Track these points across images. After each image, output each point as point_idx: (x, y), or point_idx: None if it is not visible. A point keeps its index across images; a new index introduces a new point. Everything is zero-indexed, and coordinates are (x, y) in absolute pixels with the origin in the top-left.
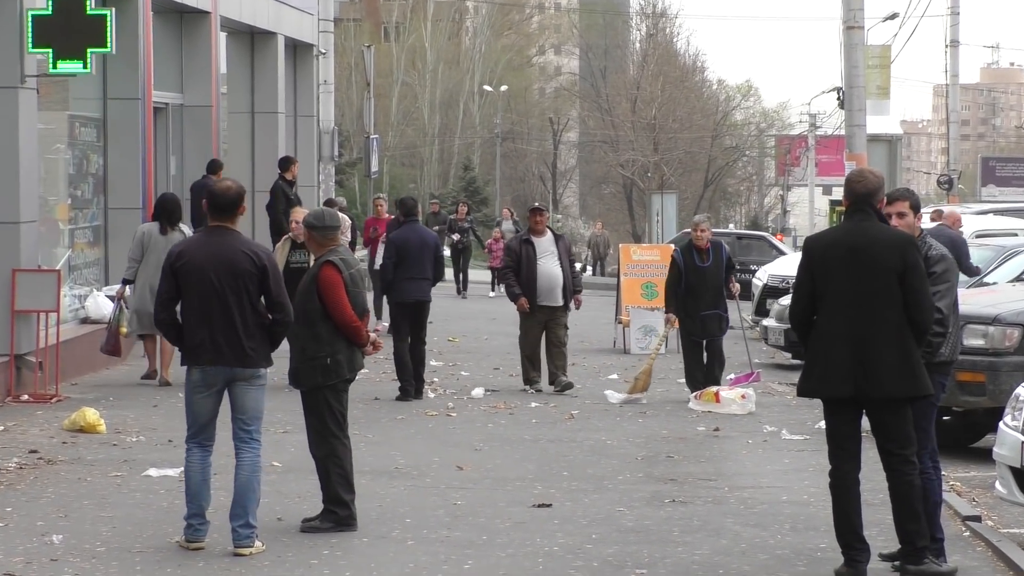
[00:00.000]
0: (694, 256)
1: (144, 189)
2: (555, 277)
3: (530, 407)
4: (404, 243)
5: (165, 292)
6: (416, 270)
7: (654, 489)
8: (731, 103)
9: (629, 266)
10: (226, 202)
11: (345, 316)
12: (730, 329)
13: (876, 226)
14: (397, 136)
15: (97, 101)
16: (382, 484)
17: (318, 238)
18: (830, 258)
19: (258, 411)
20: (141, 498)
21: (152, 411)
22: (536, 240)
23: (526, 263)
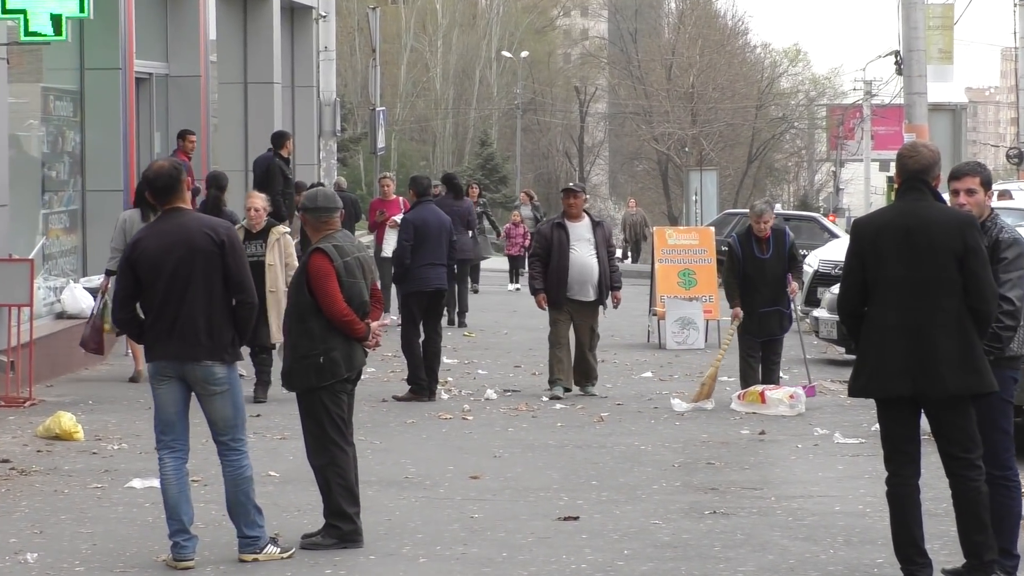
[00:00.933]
0: (753, 245)
1: (126, 169)
2: (589, 268)
3: (555, 409)
4: (423, 224)
5: (123, 288)
6: (436, 255)
7: (693, 499)
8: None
9: (664, 251)
10: (163, 184)
11: (335, 309)
12: None
13: (932, 205)
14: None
15: (73, 72)
16: (391, 495)
17: (313, 222)
18: (881, 242)
19: (228, 419)
20: (124, 512)
21: (136, 415)
22: (570, 225)
23: (557, 250)
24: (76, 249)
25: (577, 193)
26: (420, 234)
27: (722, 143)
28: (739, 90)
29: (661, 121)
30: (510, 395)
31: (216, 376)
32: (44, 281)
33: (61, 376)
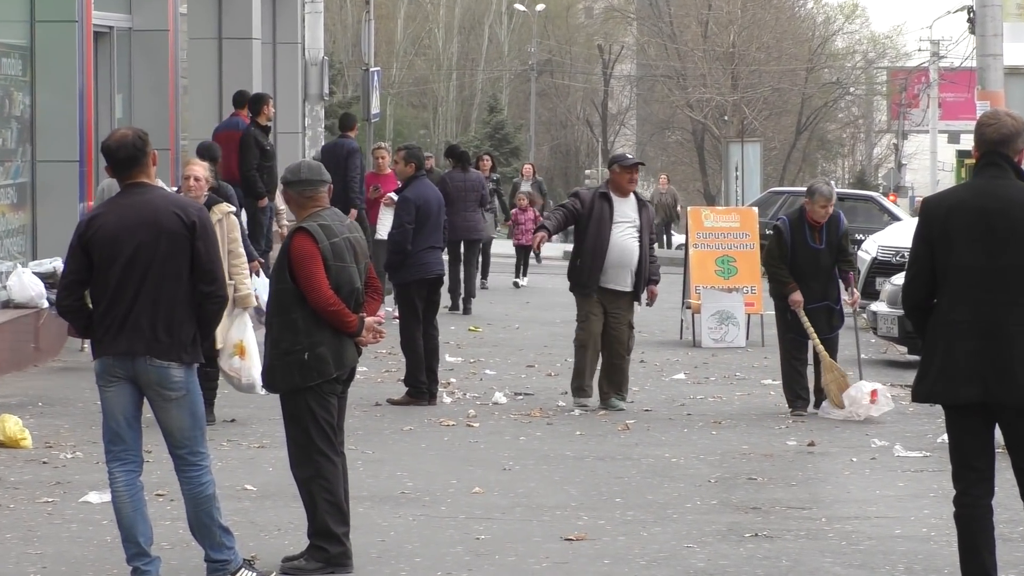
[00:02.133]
0: (806, 232)
1: (82, 136)
2: (630, 253)
3: (573, 415)
4: (425, 203)
5: (72, 272)
6: (435, 237)
7: (732, 520)
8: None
9: (700, 235)
10: (125, 155)
11: (320, 297)
12: None
13: (1013, 184)
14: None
15: (22, 25)
16: (385, 513)
17: (296, 198)
18: (954, 225)
19: (186, 429)
20: (78, 530)
21: (92, 420)
22: (616, 200)
23: (596, 225)
24: (25, 228)
25: (637, 168)
26: (421, 214)
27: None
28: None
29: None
30: (522, 399)
31: (172, 379)
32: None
33: (6, 374)
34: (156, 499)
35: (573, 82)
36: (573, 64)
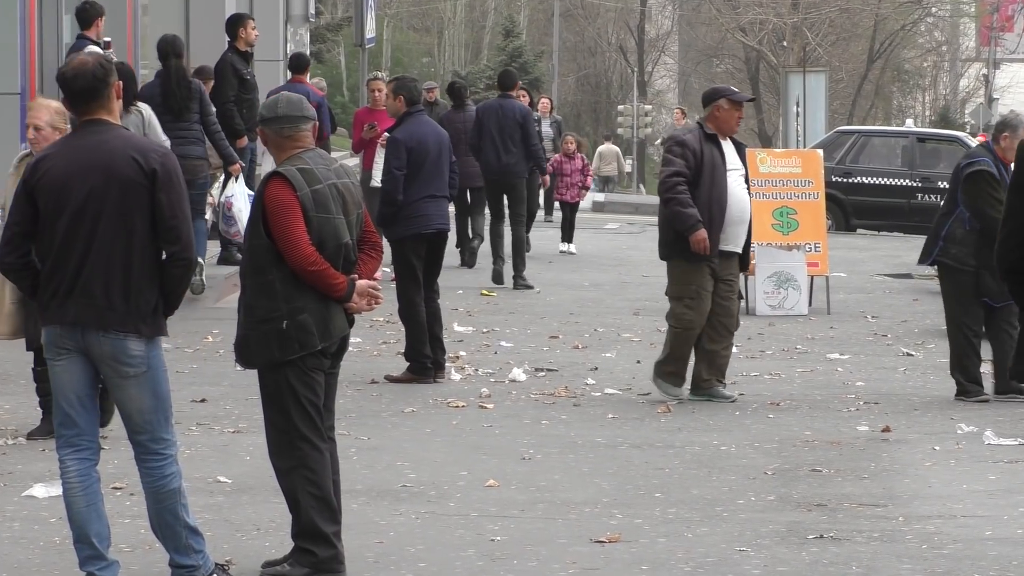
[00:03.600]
0: (1003, 174)
1: (24, 64)
2: (745, 205)
3: (604, 395)
4: (419, 144)
5: (15, 224)
6: (436, 184)
7: (792, 519)
8: None
9: (754, 182)
10: (83, 86)
11: (298, 254)
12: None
13: None
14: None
15: None
16: (383, 510)
17: (273, 137)
18: None
19: (147, 411)
20: (21, 529)
21: None
22: (724, 145)
23: (710, 174)
24: None
25: (742, 105)
26: (416, 158)
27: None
28: None
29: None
30: (544, 376)
31: (130, 353)
32: None
33: None
34: (113, 493)
35: (604, 2)
36: None
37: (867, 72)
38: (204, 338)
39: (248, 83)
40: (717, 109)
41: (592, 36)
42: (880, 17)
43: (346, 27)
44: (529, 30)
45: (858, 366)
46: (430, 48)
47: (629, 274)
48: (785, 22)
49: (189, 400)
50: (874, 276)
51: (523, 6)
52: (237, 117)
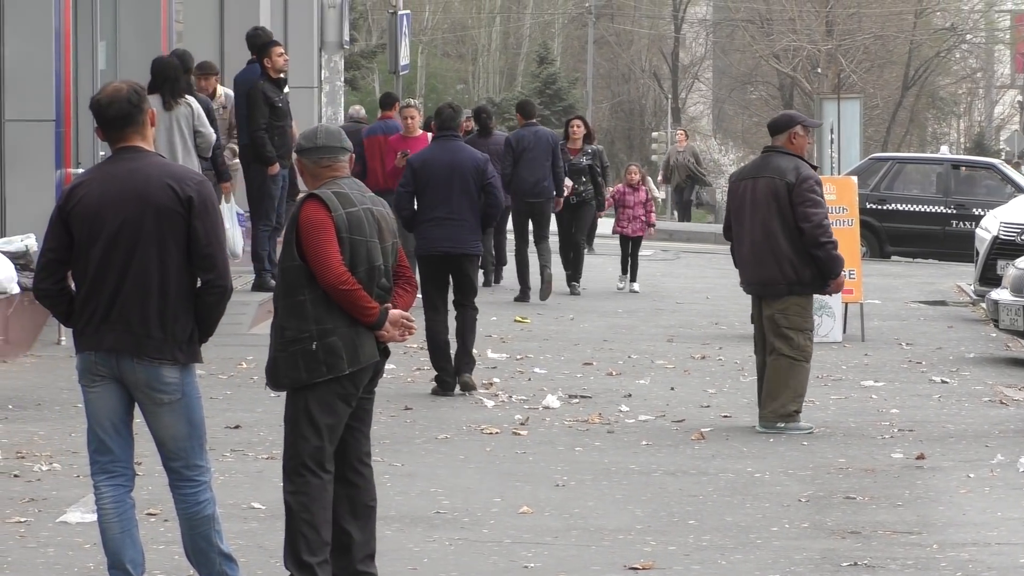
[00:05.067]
0: None
1: (59, 91)
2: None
3: (638, 422)
4: (423, 165)
5: (51, 250)
6: (444, 208)
7: (826, 546)
8: None
9: None
10: (117, 113)
11: (329, 274)
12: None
13: None
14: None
15: None
16: (416, 537)
17: (311, 167)
18: None
19: (181, 439)
20: (56, 555)
21: (72, 426)
22: None
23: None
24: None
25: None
26: (420, 179)
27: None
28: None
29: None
30: (577, 403)
31: (165, 380)
32: None
33: None
34: (148, 519)
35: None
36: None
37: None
38: (238, 364)
39: (279, 110)
40: (794, 136)
41: (626, 63)
42: (915, 44)
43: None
44: (563, 57)
45: (892, 393)
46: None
47: (663, 301)
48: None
49: (223, 426)
50: (909, 303)
51: (557, 33)
52: (268, 144)
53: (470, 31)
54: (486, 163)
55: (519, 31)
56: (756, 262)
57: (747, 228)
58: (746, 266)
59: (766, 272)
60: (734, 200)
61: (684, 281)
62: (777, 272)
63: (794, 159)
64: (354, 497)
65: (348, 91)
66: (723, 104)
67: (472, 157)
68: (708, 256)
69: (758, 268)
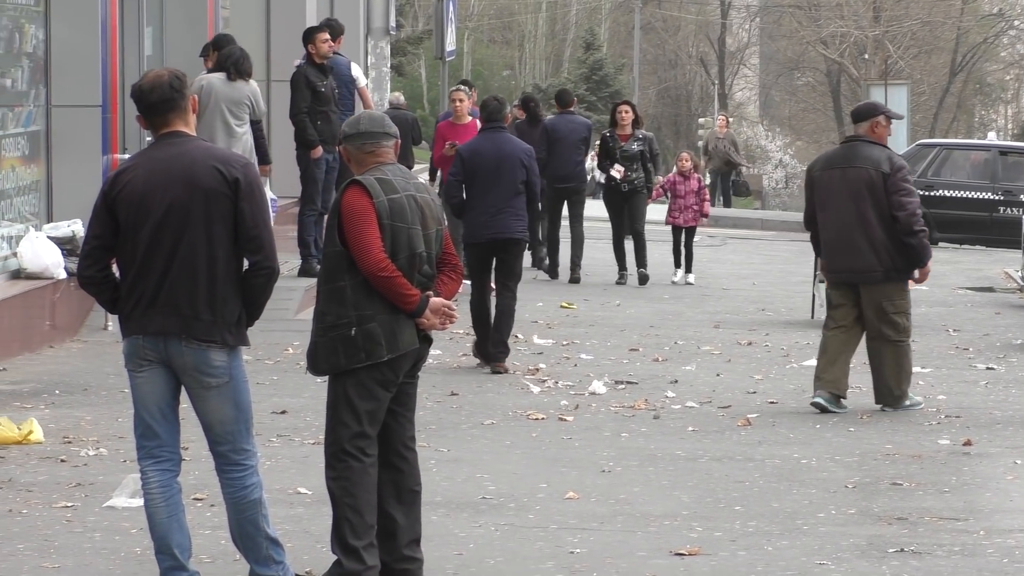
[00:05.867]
0: None
1: (105, 76)
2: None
3: (684, 408)
4: (472, 155)
5: (95, 237)
6: (490, 197)
7: (873, 532)
8: None
9: None
10: (159, 98)
11: (369, 259)
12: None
13: None
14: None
15: None
16: (462, 522)
17: (355, 154)
18: None
19: (228, 422)
20: (102, 540)
21: (119, 410)
22: None
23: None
24: (38, 185)
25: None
26: (469, 169)
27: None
28: None
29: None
30: (623, 389)
31: (213, 364)
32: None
33: (17, 356)
34: (194, 503)
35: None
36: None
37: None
38: (284, 350)
39: (322, 95)
40: (876, 125)
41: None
42: (962, 30)
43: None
44: (610, 43)
45: (939, 379)
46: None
47: (709, 287)
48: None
49: (270, 411)
50: (956, 290)
51: (604, 19)
52: (310, 128)
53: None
54: (531, 155)
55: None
56: (848, 250)
57: (835, 216)
58: (835, 253)
59: (861, 260)
60: (820, 189)
61: (730, 267)
62: (874, 260)
63: (883, 149)
64: (398, 482)
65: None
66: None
67: (518, 149)
68: (755, 242)
69: (851, 256)
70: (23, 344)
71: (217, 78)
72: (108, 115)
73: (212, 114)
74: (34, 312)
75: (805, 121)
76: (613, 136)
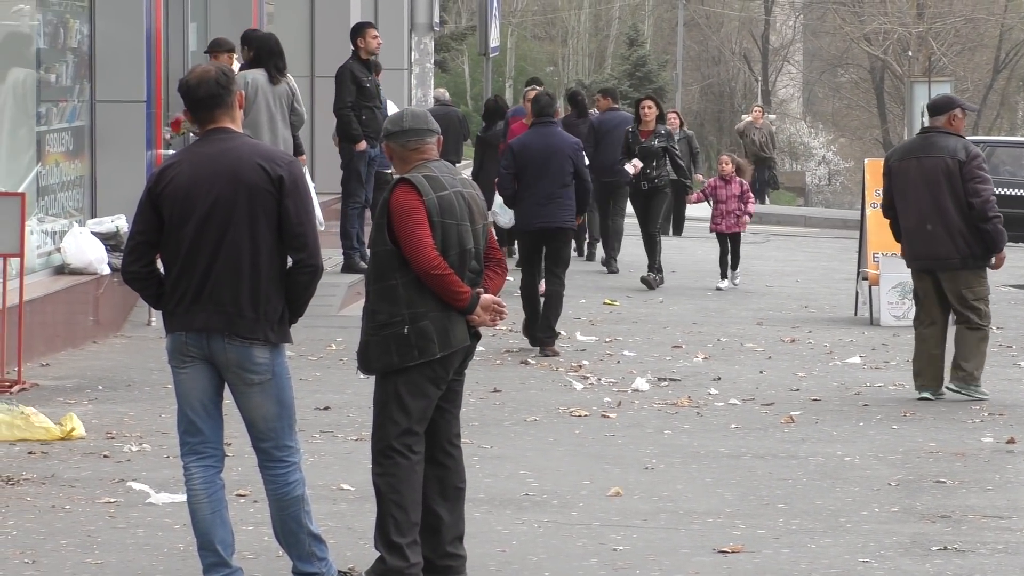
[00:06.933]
0: None
1: (150, 72)
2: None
3: (727, 405)
4: (522, 149)
5: (140, 232)
6: (539, 188)
7: (916, 530)
8: None
9: (879, 192)
10: (206, 94)
11: (422, 257)
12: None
13: None
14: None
15: None
16: (505, 519)
17: (399, 150)
18: None
19: (271, 419)
20: (145, 536)
21: (162, 406)
22: None
23: None
24: (82, 181)
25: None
26: (519, 162)
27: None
28: None
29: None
30: (666, 386)
31: (256, 360)
32: (39, 223)
33: (60, 352)
34: (237, 500)
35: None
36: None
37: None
38: (328, 346)
39: (367, 91)
40: (953, 117)
41: (716, 45)
42: (1006, 27)
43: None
44: (653, 39)
45: (983, 377)
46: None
47: (752, 284)
48: (910, 32)
49: (312, 408)
50: (999, 287)
51: (647, 15)
52: (354, 122)
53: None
54: (578, 149)
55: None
56: (927, 238)
57: (914, 205)
58: (915, 241)
59: (940, 247)
60: (898, 178)
61: (774, 264)
62: (951, 247)
63: (959, 138)
64: (444, 479)
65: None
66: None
67: (565, 142)
68: (798, 239)
69: (930, 243)
70: (67, 339)
71: (261, 74)
72: (152, 111)
73: (258, 111)
74: (78, 307)
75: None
76: (635, 132)
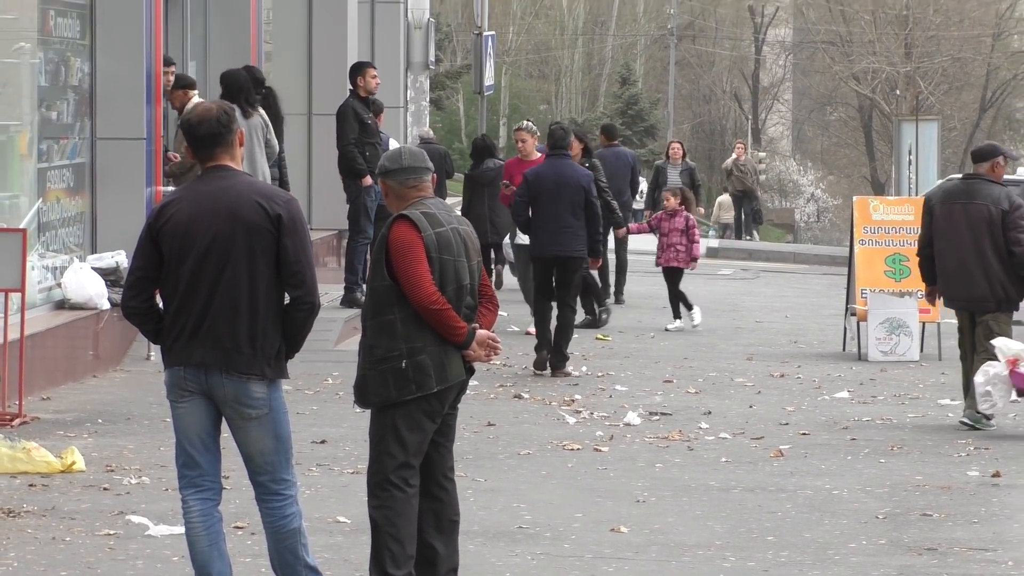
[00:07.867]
0: None
1: (150, 110)
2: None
3: (718, 439)
4: (535, 179)
5: (139, 268)
6: (552, 218)
7: (903, 563)
8: None
9: (867, 229)
10: (207, 132)
11: (421, 293)
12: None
13: None
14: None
15: None
16: (498, 551)
17: (396, 188)
18: None
19: (268, 453)
20: (144, 568)
21: (160, 439)
22: None
23: None
24: (83, 217)
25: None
26: (533, 191)
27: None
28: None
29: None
30: (658, 420)
31: (253, 395)
32: (39, 259)
33: (60, 385)
34: (235, 532)
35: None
36: (719, 28)
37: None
38: (324, 380)
39: (369, 127)
40: (996, 165)
41: (707, 84)
42: (992, 67)
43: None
44: (645, 78)
45: None
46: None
47: (743, 319)
48: (898, 71)
49: (309, 441)
50: None
51: (639, 54)
52: (359, 158)
53: (553, 52)
54: (590, 181)
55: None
56: (966, 280)
57: (955, 248)
58: (954, 283)
59: (978, 290)
60: (939, 220)
61: (763, 300)
62: (988, 290)
63: (1003, 187)
64: (438, 512)
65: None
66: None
67: (577, 174)
68: (787, 276)
69: (969, 286)
70: (67, 373)
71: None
72: (152, 147)
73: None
74: (78, 342)
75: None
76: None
